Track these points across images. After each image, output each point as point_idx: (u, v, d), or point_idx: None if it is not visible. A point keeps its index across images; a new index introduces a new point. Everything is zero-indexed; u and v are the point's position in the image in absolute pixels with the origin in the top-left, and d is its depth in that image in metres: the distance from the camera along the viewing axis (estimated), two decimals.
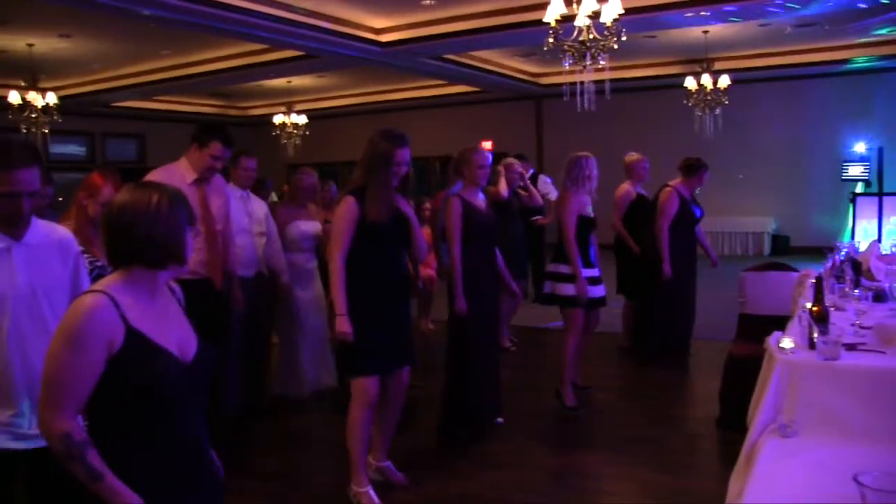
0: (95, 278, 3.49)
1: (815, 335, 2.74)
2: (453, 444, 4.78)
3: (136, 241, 1.97)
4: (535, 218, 8.23)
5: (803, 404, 2.53)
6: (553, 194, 9.09)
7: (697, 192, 6.71)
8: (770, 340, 3.00)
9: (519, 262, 7.00)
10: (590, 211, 5.40)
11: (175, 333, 2.08)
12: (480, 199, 4.87)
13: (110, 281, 2.02)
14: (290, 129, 15.12)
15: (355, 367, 3.84)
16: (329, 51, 10.62)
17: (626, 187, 6.82)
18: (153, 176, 4.23)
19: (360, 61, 11.61)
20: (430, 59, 11.78)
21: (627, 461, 4.46)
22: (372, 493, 3.87)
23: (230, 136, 4.44)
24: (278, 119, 15.16)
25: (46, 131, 11.65)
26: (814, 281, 3.14)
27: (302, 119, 15.19)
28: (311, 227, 5.64)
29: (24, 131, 11.25)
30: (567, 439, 4.99)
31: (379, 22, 10.34)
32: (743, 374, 4.56)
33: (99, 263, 3.53)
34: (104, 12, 8.30)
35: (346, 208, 3.78)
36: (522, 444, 4.82)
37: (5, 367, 2.58)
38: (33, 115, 11.12)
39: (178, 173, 4.29)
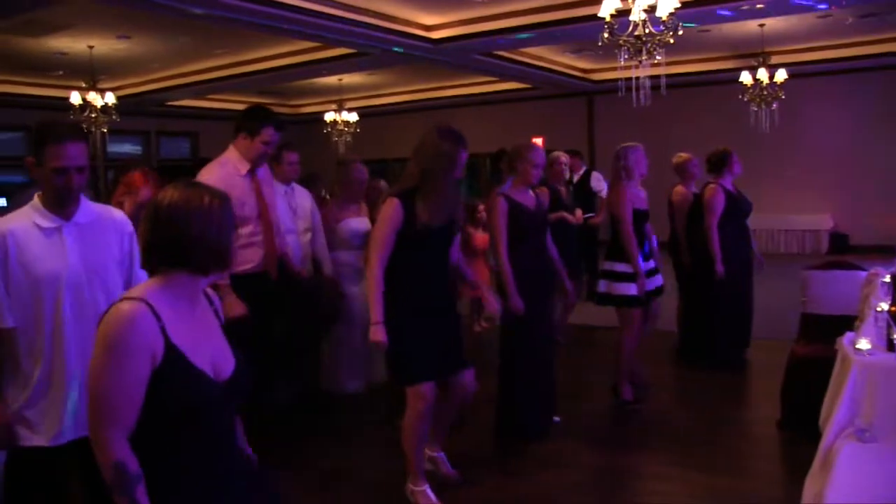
0: None
1: (895, 336, 2.65)
2: (509, 443, 4.75)
3: (186, 241, 1.85)
4: (588, 216, 8.15)
5: (883, 408, 2.45)
6: (605, 192, 9.00)
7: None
8: (843, 341, 2.92)
9: (571, 261, 6.93)
10: (642, 203, 5.33)
11: (212, 348, 1.97)
12: (529, 198, 4.79)
13: (147, 287, 1.90)
14: (341, 127, 15.18)
15: (406, 375, 3.76)
16: (380, 48, 10.64)
17: (682, 190, 6.68)
18: (208, 171, 4.23)
19: (411, 58, 11.61)
20: (482, 56, 11.73)
21: (686, 463, 4.39)
22: (429, 492, 3.85)
23: (278, 117, 4.41)
24: (329, 117, 15.23)
25: (105, 130, 11.89)
26: (887, 280, 3.05)
27: (353, 116, 15.24)
28: (361, 224, 5.60)
29: (85, 130, 11.47)
30: (623, 439, 4.92)
31: (430, 19, 10.33)
32: (806, 374, 4.49)
33: None
34: (160, 13, 8.42)
35: (391, 212, 3.64)
36: (578, 443, 4.78)
37: (63, 347, 2.61)
38: (93, 115, 11.36)
39: (231, 165, 4.26)
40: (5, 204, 13.12)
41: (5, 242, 2.54)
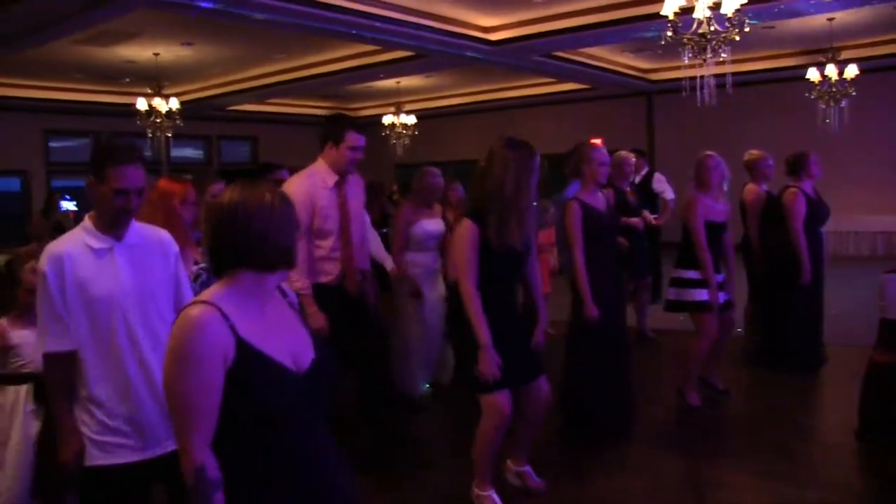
0: (197, 281, 3.55)
1: None
2: (576, 447, 4.68)
3: (248, 240, 1.84)
4: (652, 217, 8.01)
5: None
6: (668, 193, 8.83)
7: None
8: None
9: (641, 262, 6.83)
10: (718, 215, 5.20)
11: (288, 342, 1.94)
12: (600, 199, 4.73)
13: (216, 290, 1.89)
14: (399, 130, 15.23)
15: (483, 383, 3.65)
16: (439, 50, 10.64)
17: (754, 188, 6.47)
18: (295, 182, 4.23)
19: (470, 60, 11.59)
20: (540, 57, 11.65)
21: (760, 471, 4.24)
22: (495, 496, 3.80)
23: (356, 122, 4.38)
24: (387, 119, 15.30)
25: (169, 135, 12.13)
26: None
27: (411, 119, 15.28)
28: (435, 226, 5.60)
29: (150, 136, 11.75)
30: (694, 444, 4.79)
31: (489, 20, 10.30)
32: (887, 383, 4.31)
33: (196, 268, 3.56)
34: (222, 19, 8.55)
35: (469, 234, 3.56)
36: (648, 448, 4.68)
37: (124, 368, 2.61)
38: (158, 121, 11.60)
39: (319, 177, 4.25)
40: (75, 207, 13.52)
41: (62, 265, 2.54)
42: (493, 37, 10.59)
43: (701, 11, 6.93)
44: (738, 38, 6.86)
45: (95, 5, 7.54)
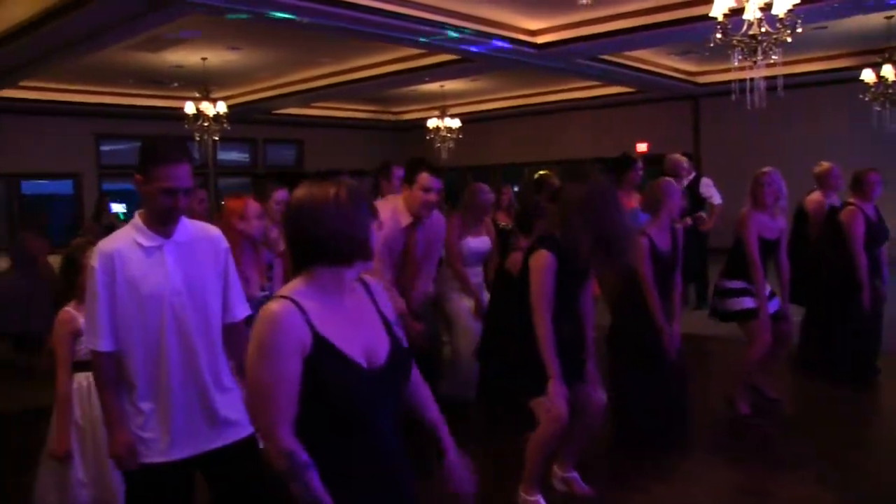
0: (258, 308, 3.55)
1: None
2: (625, 456, 4.63)
3: (319, 235, 1.89)
4: (699, 219, 7.91)
5: None
6: (715, 198, 8.72)
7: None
8: None
9: (688, 266, 6.73)
10: (772, 232, 5.11)
11: (364, 337, 1.98)
12: (666, 238, 4.69)
13: (294, 285, 1.96)
14: (444, 133, 15.21)
15: (538, 385, 3.64)
16: (484, 54, 10.60)
17: (817, 198, 6.38)
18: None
19: (515, 64, 11.53)
20: (585, 60, 11.54)
21: (817, 482, 4.15)
22: (542, 501, 3.80)
23: (434, 165, 4.37)
24: (432, 123, 15.30)
25: (216, 139, 12.27)
26: None
27: (455, 123, 15.26)
28: (482, 244, 5.69)
29: (197, 139, 11.92)
30: (747, 453, 4.70)
31: (534, 23, 10.22)
32: None
33: (261, 295, 3.55)
34: (268, 23, 8.61)
35: (547, 265, 3.59)
36: (696, 456, 4.61)
37: (167, 364, 2.61)
38: (205, 124, 11.75)
39: (395, 216, 4.27)
40: (124, 209, 13.77)
41: (112, 263, 2.55)
42: (539, 40, 10.51)
43: (751, 12, 6.79)
44: (789, 39, 6.71)
45: (150, 10, 7.65)
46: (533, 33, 10.45)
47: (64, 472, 3.35)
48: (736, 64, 7.12)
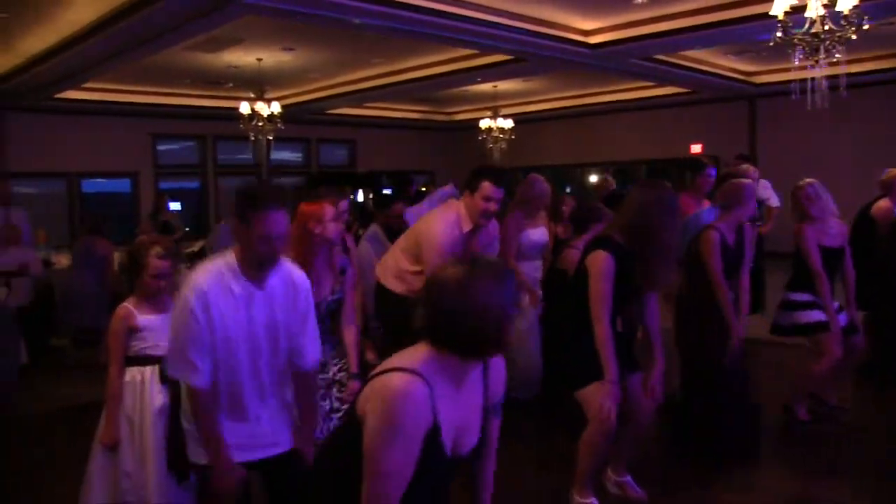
0: (328, 311, 3.58)
1: None
2: (687, 463, 4.56)
3: (463, 332, 1.84)
4: (756, 224, 7.73)
5: None
6: (773, 200, 8.55)
7: None
8: None
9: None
10: (833, 239, 4.97)
11: (462, 424, 1.97)
12: (732, 236, 4.63)
13: (421, 357, 1.90)
14: (496, 134, 15.17)
15: (586, 375, 3.63)
16: (537, 54, 10.55)
17: (886, 206, 6.24)
18: (432, 221, 4.28)
19: (569, 64, 11.45)
20: (639, 60, 11.42)
21: (870, 490, 4.04)
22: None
23: (500, 174, 4.36)
24: (484, 124, 15.27)
25: (270, 138, 12.42)
26: None
27: (508, 123, 15.21)
28: (541, 236, 5.63)
29: (252, 139, 12.08)
30: (804, 462, 4.61)
31: (588, 23, 10.14)
32: None
33: (332, 298, 3.59)
34: (322, 24, 8.68)
35: (606, 267, 3.56)
36: (755, 464, 4.52)
37: (245, 396, 2.74)
38: (259, 124, 11.90)
39: (457, 222, 4.28)
40: (179, 208, 14.03)
41: (208, 302, 2.60)
42: (593, 40, 10.42)
43: (814, 10, 6.63)
44: (854, 36, 6.53)
45: (208, 12, 7.78)
46: (586, 33, 10.36)
47: (112, 461, 3.43)
48: (796, 63, 6.96)
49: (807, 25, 6.68)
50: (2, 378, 5.95)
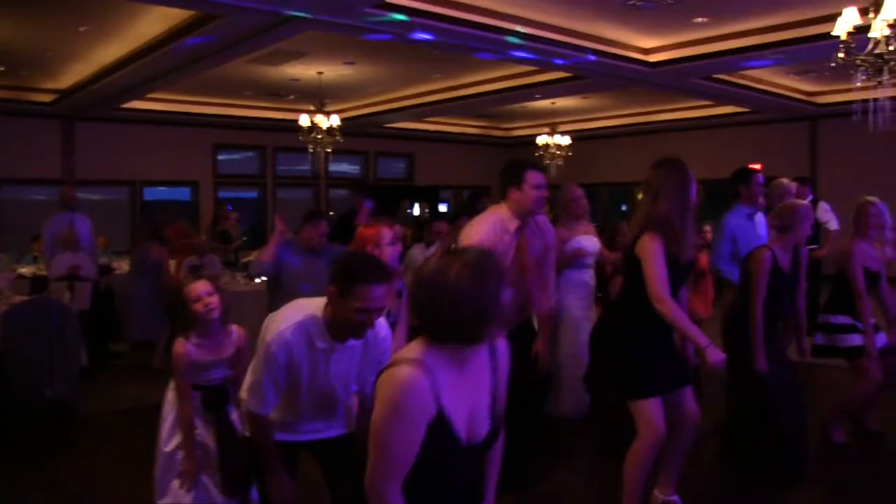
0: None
1: None
2: (733, 481, 4.52)
3: (441, 321, 1.90)
4: (811, 247, 7.59)
5: None
6: (833, 223, 8.40)
7: None
8: None
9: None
10: (874, 262, 4.92)
11: (473, 411, 2.02)
12: (787, 257, 4.55)
13: (423, 348, 1.96)
14: (554, 150, 15.14)
15: (636, 388, 3.64)
16: (596, 71, 10.54)
17: None
18: (477, 228, 4.22)
19: (628, 82, 11.42)
20: (699, 79, 11.31)
21: None
22: None
23: (535, 162, 4.38)
24: (542, 140, 15.26)
25: (329, 151, 12.60)
26: None
27: (565, 140, 15.17)
28: (592, 244, 5.61)
29: (311, 151, 12.27)
30: (842, 486, 4.54)
31: (648, 42, 10.10)
32: None
33: (388, 322, 3.65)
34: (384, 40, 8.81)
35: (657, 246, 3.57)
36: (796, 486, 4.45)
37: (300, 420, 2.95)
38: (319, 137, 12.08)
39: (501, 223, 4.21)
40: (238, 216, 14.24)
41: (291, 352, 2.70)
42: (652, 58, 10.37)
43: (878, 31, 6.50)
44: None
45: (271, 27, 7.97)
46: (646, 51, 10.32)
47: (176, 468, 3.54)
48: (859, 84, 6.84)
49: (871, 46, 6.56)
50: (66, 381, 6.13)
